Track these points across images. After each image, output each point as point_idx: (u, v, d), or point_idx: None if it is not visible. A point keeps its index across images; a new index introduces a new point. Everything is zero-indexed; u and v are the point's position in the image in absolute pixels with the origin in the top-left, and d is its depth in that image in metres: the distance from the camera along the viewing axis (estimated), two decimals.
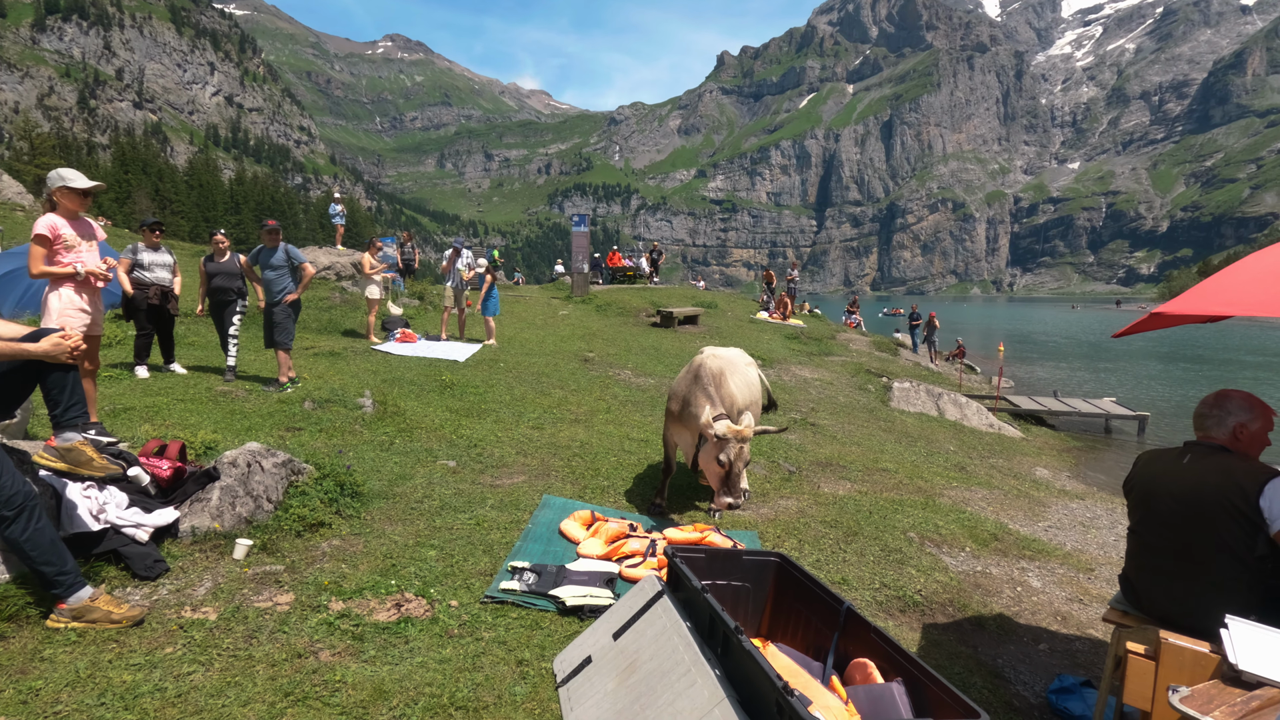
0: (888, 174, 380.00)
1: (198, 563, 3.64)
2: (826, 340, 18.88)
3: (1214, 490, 2.53)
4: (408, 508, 4.76)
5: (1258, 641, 1.82)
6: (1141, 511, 2.79)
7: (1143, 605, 2.82)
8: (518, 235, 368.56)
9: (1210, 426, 2.70)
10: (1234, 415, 2.65)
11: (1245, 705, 1.57)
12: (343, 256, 16.76)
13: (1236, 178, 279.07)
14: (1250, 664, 1.71)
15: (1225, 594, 2.50)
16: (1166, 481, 2.70)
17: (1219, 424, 2.68)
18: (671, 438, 5.46)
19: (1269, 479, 2.45)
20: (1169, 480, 2.69)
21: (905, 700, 2.35)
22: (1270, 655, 1.75)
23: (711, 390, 4.99)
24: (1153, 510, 2.72)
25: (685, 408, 5.11)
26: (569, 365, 11.30)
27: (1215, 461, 2.61)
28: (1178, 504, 2.63)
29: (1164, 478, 2.72)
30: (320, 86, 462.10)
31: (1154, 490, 2.73)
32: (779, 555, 3.26)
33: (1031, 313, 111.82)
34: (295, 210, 76.61)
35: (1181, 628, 2.52)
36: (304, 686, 2.73)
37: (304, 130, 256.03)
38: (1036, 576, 5.26)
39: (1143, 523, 2.78)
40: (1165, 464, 2.76)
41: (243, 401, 6.73)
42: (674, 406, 5.28)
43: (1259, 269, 3.06)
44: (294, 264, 7.71)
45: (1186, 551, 2.60)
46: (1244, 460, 2.59)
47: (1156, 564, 2.71)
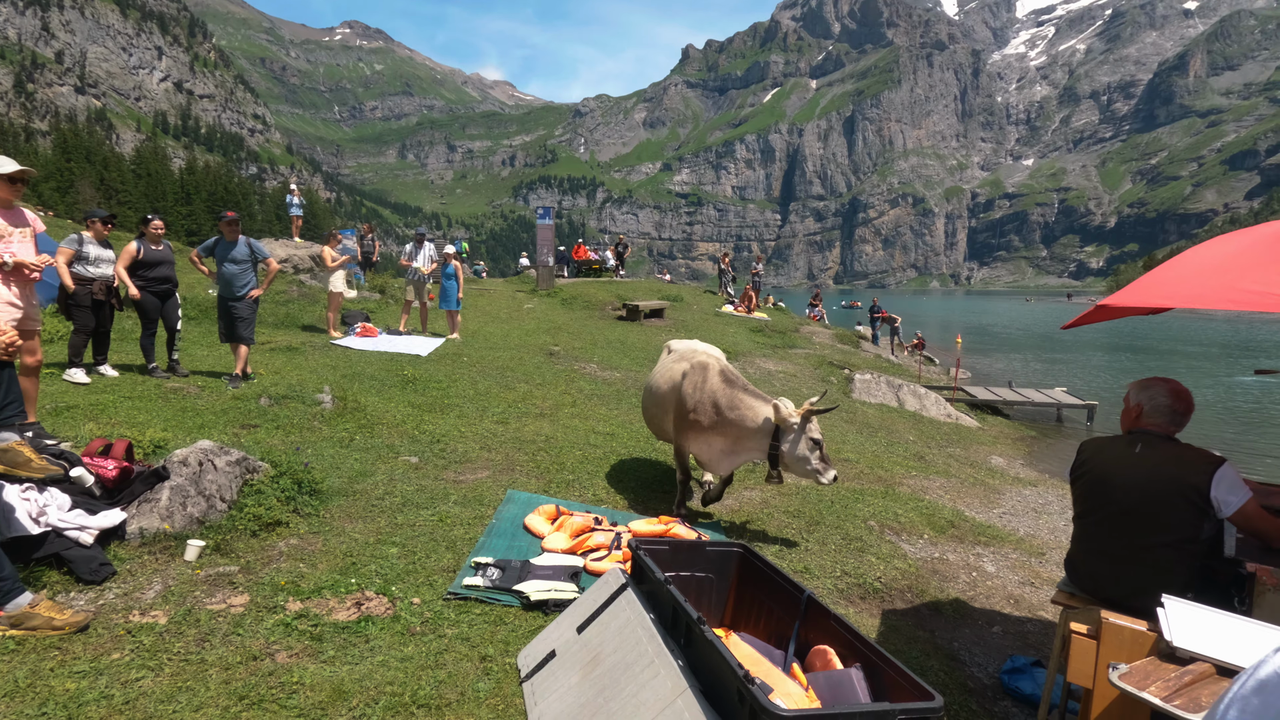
0: (850, 169, 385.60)
1: (146, 565, 3.52)
2: (790, 333, 19.10)
3: (1169, 479, 2.65)
4: (368, 505, 4.68)
5: (1191, 619, 1.90)
6: (1093, 499, 2.88)
7: (1088, 588, 2.93)
8: (482, 228, 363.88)
9: (1174, 424, 2.81)
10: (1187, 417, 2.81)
11: (1179, 680, 1.65)
12: (301, 249, 16.33)
13: (1179, 175, 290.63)
14: (1184, 641, 1.79)
15: (1169, 576, 2.64)
16: (1120, 470, 2.79)
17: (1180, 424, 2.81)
18: (693, 448, 5.09)
19: (1216, 467, 2.59)
20: (1123, 468, 2.79)
21: (864, 685, 2.40)
22: (1203, 632, 1.84)
23: (750, 387, 4.97)
24: (1105, 498, 2.81)
25: (723, 413, 4.84)
26: (534, 359, 11.23)
27: (1167, 450, 2.73)
28: (1132, 491, 2.73)
29: (1117, 466, 2.81)
30: (275, 74, 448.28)
31: (1108, 478, 2.82)
32: (742, 546, 3.30)
33: (988, 305, 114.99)
34: (250, 201, 74.24)
35: (1126, 609, 2.60)
36: (260, 689, 2.67)
37: (258, 118, 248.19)
38: (991, 562, 5.42)
39: (1094, 510, 2.87)
40: (1117, 452, 2.86)
41: (194, 398, 6.52)
42: (702, 418, 4.90)
43: (1195, 264, 3.19)
44: (257, 258, 7.46)
45: (1137, 537, 2.71)
46: (1191, 449, 2.72)
47: (1106, 549, 2.81)
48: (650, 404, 5.62)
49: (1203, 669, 1.69)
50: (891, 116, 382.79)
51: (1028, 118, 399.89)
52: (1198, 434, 14.68)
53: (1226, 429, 15.55)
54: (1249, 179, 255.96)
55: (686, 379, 5.07)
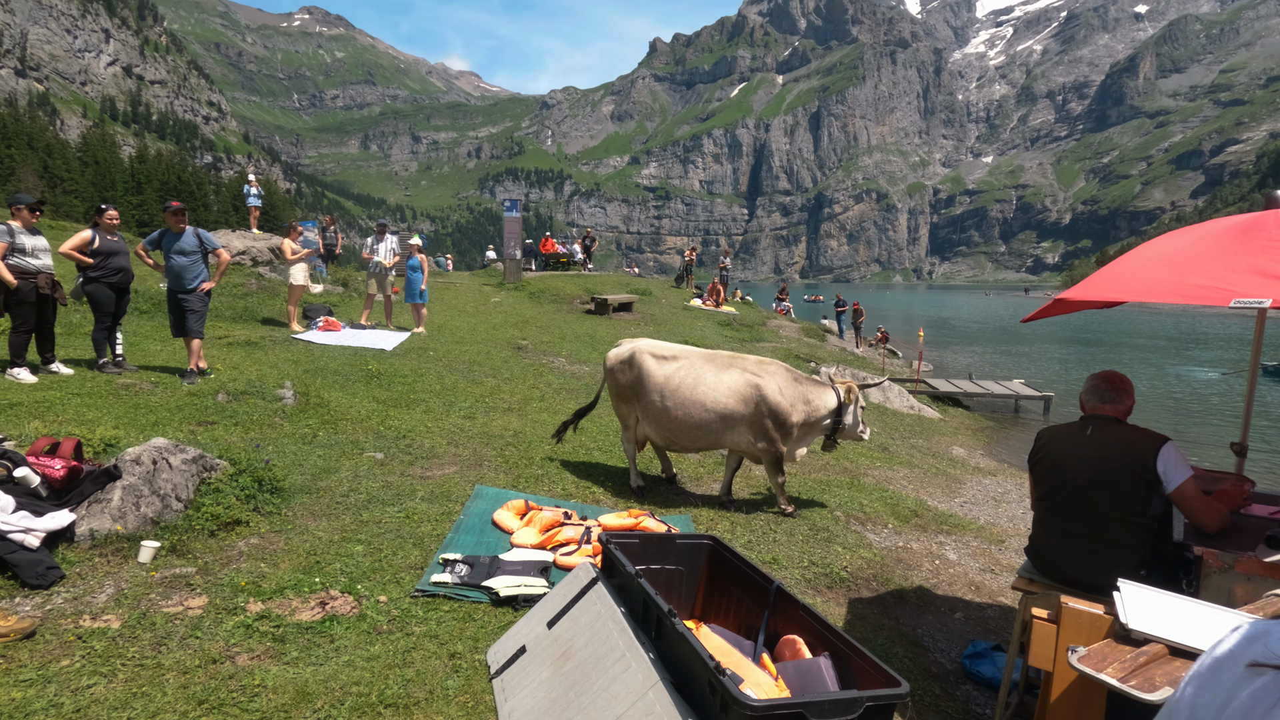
0: (816, 164, 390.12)
1: (98, 568, 3.39)
2: (757, 327, 19.27)
3: (1118, 457, 2.84)
4: (332, 502, 4.58)
5: (1145, 602, 1.98)
6: (1051, 481, 3.02)
7: (1049, 569, 3.04)
8: (447, 220, 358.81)
9: (1106, 402, 3.02)
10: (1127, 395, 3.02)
11: (1134, 661, 1.71)
12: (259, 241, 15.88)
13: (1129, 174, 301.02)
14: (1139, 623, 1.86)
15: (1122, 551, 2.82)
16: (1074, 451, 2.97)
17: (1115, 401, 3.01)
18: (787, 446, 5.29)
19: (1161, 444, 2.79)
20: (1076, 450, 2.96)
21: (832, 673, 2.44)
22: (1155, 614, 1.91)
23: (806, 376, 5.47)
24: (1062, 479, 2.97)
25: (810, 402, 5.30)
26: (501, 353, 11.12)
27: (1115, 431, 2.93)
28: (1086, 469, 2.91)
29: (1071, 448, 2.98)
30: (231, 60, 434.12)
31: (1063, 460, 2.98)
32: (711, 538, 3.32)
33: (949, 299, 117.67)
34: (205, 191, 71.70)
35: (1083, 585, 2.81)
36: (219, 693, 2.59)
37: (213, 106, 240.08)
38: (953, 550, 5.55)
39: (1052, 491, 3.02)
40: (1070, 436, 3.03)
41: (147, 395, 6.30)
42: (796, 418, 5.21)
43: (1146, 259, 3.29)
44: (207, 249, 7.22)
45: (1092, 514, 2.88)
46: (1139, 429, 2.91)
47: (1064, 527, 2.97)
48: (696, 422, 5.24)
49: (1156, 650, 1.76)
50: (856, 113, 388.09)
51: (987, 116, 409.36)
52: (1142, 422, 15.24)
53: (1171, 419, 16.18)
54: (1194, 178, 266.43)
55: (767, 389, 5.17)
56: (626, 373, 5.50)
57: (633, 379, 5.46)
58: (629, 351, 5.54)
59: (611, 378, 5.62)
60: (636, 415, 5.53)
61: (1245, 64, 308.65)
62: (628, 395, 5.51)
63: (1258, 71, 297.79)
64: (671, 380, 5.31)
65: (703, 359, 5.43)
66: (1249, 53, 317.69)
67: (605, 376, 5.72)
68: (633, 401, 5.50)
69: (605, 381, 5.75)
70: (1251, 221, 3.08)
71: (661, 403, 5.30)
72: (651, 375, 5.37)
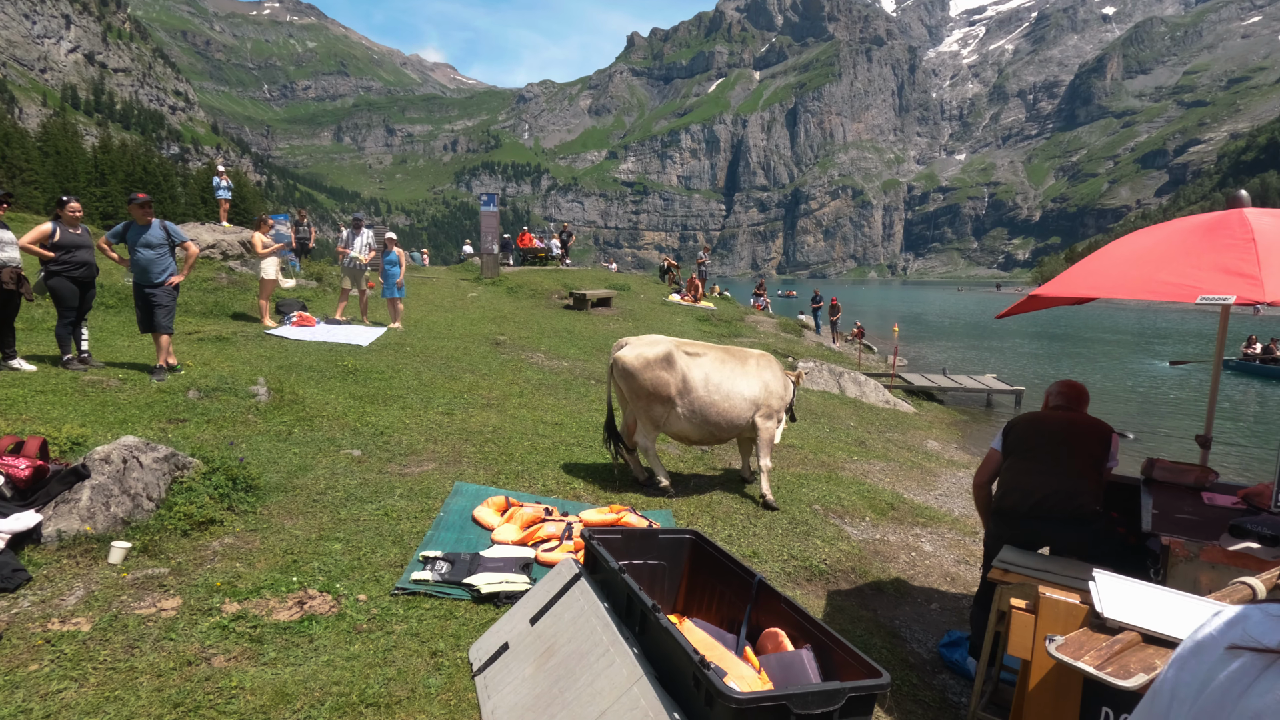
0: (792, 160, 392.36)
1: (66, 570, 3.31)
2: (735, 322, 19.37)
3: (1084, 423, 3.43)
4: (309, 500, 4.52)
5: (1120, 591, 2.03)
6: (1024, 442, 3.49)
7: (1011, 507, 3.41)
8: (423, 214, 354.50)
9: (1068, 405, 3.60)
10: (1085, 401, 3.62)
11: (1110, 649, 1.76)
12: (229, 234, 15.54)
13: (1097, 173, 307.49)
14: (1114, 611, 1.91)
15: (1081, 483, 3.28)
16: (1046, 421, 3.53)
17: (1076, 406, 3.59)
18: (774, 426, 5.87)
19: (1111, 432, 3.39)
20: (1046, 420, 3.53)
21: (814, 665, 2.47)
22: (1129, 603, 1.97)
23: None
24: (1036, 438, 3.46)
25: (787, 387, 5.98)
26: (480, 349, 11.03)
27: (1080, 413, 3.54)
28: (1055, 432, 3.44)
29: (1043, 418, 3.56)
30: (198, 48, 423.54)
31: (1037, 423, 3.52)
32: (693, 532, 3.33)
33: (923, 295, 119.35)
34: (173, 183, 69.80)
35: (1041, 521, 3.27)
36: (195, 695, 2.55)
37: (180, 95, 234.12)
38: (929, 542, 5.65)
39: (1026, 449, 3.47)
40: (1040, 414, 3.60)
41: (115, 392, 6.15)
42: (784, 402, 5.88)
43: (1116, 257, 3.38)
44: (174, 242, 7.05)
45: (1057, 457, 3.36)
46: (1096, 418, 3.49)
47: (1030, 468, 3.40)
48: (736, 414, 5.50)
49: (1130, 637, 1.81)
50: (832, 109, 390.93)
51: (960, 114, 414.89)
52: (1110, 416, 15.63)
53: (1137, 412, 16.60)
54: (1159, 177, 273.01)
55: (774, 378, 5.77)
56: (663, 372, 5.37)
57: (674, 378, 5.39)
58: (664, 351, 5.45)
59: (636, 378, 5.36)
60: (671, 413, 5.44)
61: (1208, 66, 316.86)
62: (664, 394, 5.38)
63: (1219, 74, 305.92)
64: (712, 376, 5.50)
65: (722, 353, 5.73)
66: (1211, 55, 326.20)
67: (622, 378, 5.44)
68: (670, 400, 5.40)
69: (623, 384, 5.45)
70: (1216, 220, 3.17)
71: (709, 397, 5.43)
72: (692, 372, 5.46)
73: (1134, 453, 9.59)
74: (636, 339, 5.61)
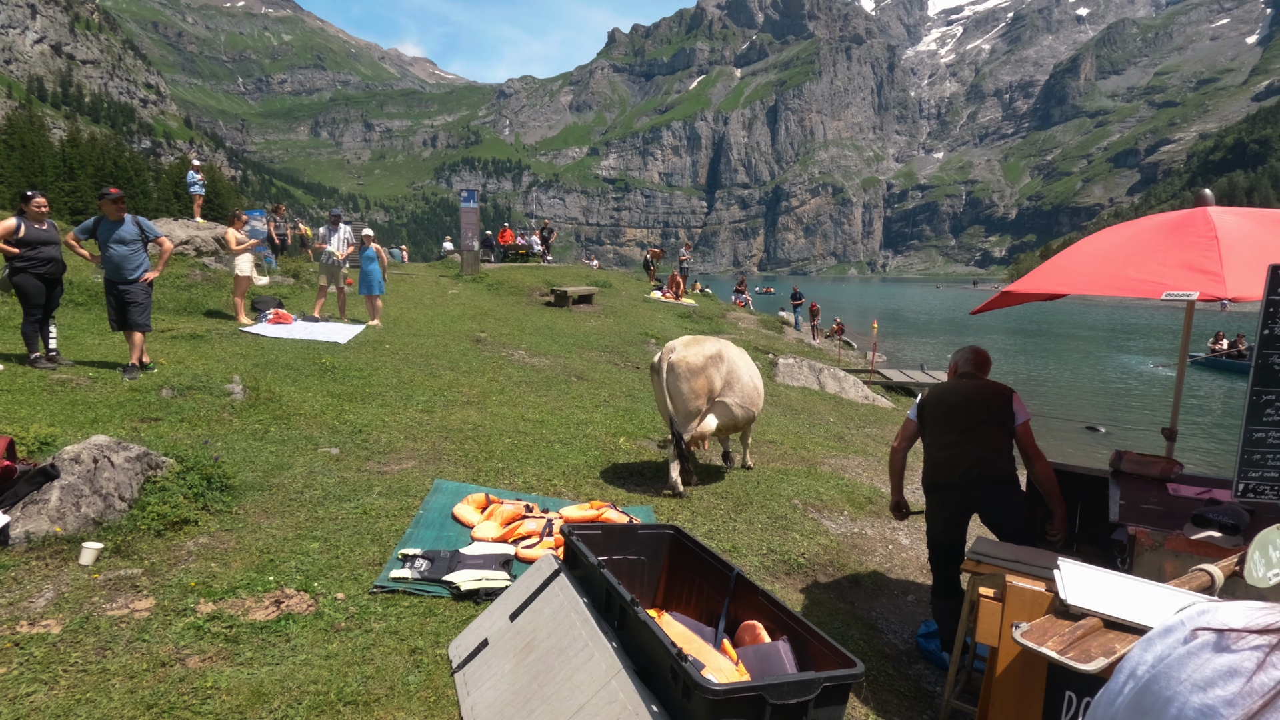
0: (773, 158, 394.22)
1: (35, 572, 3.25)
2: (717, 319, 19.44)
3: (986, 388, 3.70)
4: (286, 499, 4.47)
5: (1083, 579, 2.09)
6: (938, 413, 3.76)
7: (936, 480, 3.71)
8: (403, 210, 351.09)
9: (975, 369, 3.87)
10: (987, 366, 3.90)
11: (1072, 634, 1.81)
12: (203, 230, 15.27)
13: (1071, 171, 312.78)
14: (1077, 598, 1.96)
15: (994, 447, 3.56)
16: (950, 391, 3.79)
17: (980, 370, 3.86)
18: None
19: (1011, 392, 3.65)
20: (952, 390, 3.79)
21: (790, 656, 2.50)
22: (1092, 590, 2.02)
23: None
24: (948, 409, 3.73)
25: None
26: (460, 346, 10.97)
27: (980, 378, 3.82)
28: (961, 400, 3.71)
29: (953, 388, 3.80)
30: (170, 40, 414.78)
31: (945, 396, 3.78)
32: (672, 528, 3.36)
33: (901, 292, 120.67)
34: (144, 178, 68.28)
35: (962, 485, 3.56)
36: (169, 697, 2.52)
37: (152, 88, 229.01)
38: (905, 535, 5.73)
39: (935, 419, 3.76)
40: (950, 385, 3.87)
41: (85, 391, 6.03)
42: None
43: (1086, 254, 3.45)
44: (148, 238, 6.92)
45: (972, 426, 3.62)
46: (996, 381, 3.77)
47: (947, 440, 3.67)
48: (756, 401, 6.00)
49: (1092, 623, 1.86)
50: (812, 107, 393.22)
51: (938, 113, 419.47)
52: (1083, 410, 15.96)
53: (1105, 405, 16.95)
54: (1131, 176, 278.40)
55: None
56: (718, 369, 5.61)
57: (724, 373, 5.68)
58: (717, 348, 5.71)
59: (698, 376, 5.49)
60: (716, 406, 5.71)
61: (1178, 67, 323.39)
62: (715, 390, 5.59)
63: (1189, 75, 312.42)
64: (745, 368, 5.96)
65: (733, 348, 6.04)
66: (1181, 56, 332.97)
67: (681, 379, 5.47)
68: (713, 396, 5.63)
69: (680, 383, 5.48)
70: (1181, 219, 3.25)
71: (753, 385, 5.95)
72: (738, 366, 5.84)
73: (1105, 446, 9.79)
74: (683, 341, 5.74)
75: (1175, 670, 0.58)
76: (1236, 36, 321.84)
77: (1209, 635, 0.58)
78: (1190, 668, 0.57)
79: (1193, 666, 0.57)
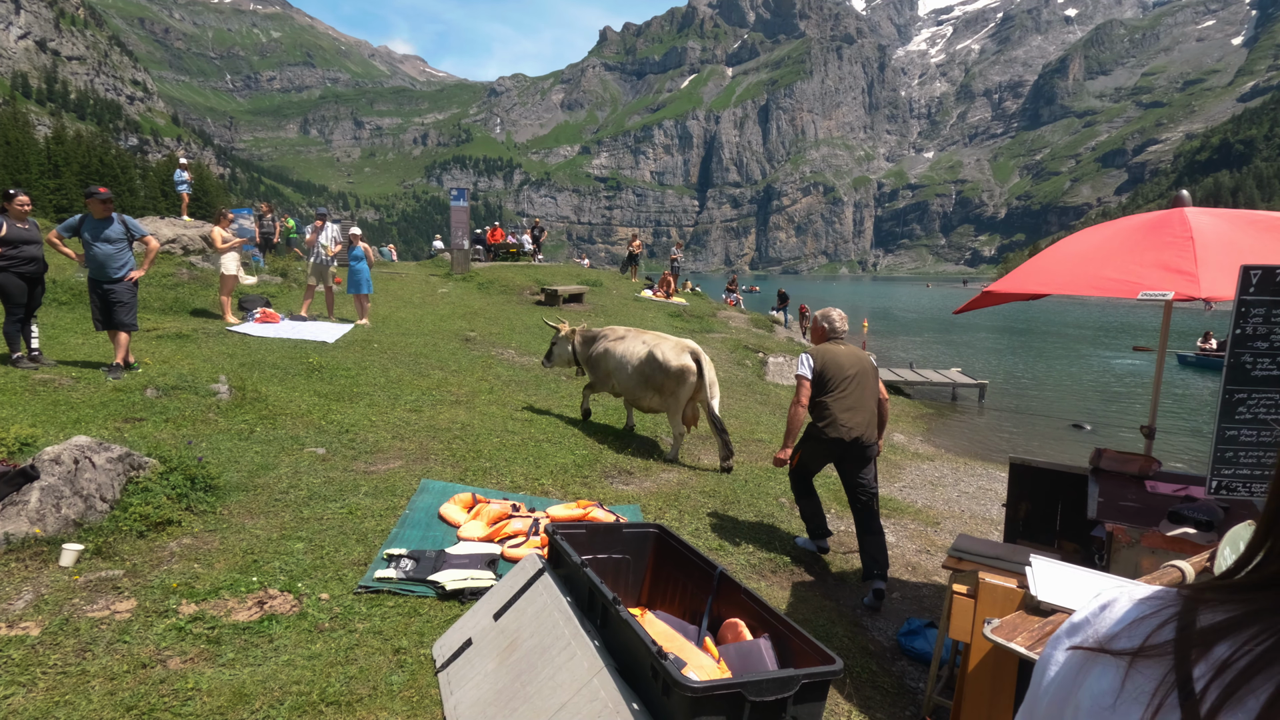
0: (765, 157, 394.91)
1: (14, 574, 3.22)
2: (708, 318, 19.47)
3: (864, 357, 4.54)
4: (271, 499, 4.46)
5: (1054, 575, 2.12)
6: (835, 375, 4.40)
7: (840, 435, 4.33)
8: (393, 209, 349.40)
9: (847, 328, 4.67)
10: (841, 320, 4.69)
11: (1041, 630, 1.83)
12: (190, 228, 15.16)
13: (1059, 171, 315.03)
14: (1047, 594, 1.99)
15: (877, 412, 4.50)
16: (842, 356, 4.48)
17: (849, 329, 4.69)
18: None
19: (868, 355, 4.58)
20: (844, 355, 4.49)
21: (771, 654, 2.52)
22: (1062, 586, 2.05)
23: None
24: (842, 373, 4.41)
25: None
26: (449, 345, 10.94)
27: (851, 344, 4.62)
28: (853, 366, 4.44)
29: (842, 354, 4.49)
30: (157, 36, 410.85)
31: (839, 362, 4.45)
32: (658, 527, 3.37)
33: (892, 291, 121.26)
34: (131, 175, 67.58)
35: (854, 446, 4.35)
36: (150, 698, 2.51)
37: (139, 85, 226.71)
38: (892, 532, 5.76)
39: (838, 382, 4.40)
40: (836, 349, 4.51)
41: (67, 391, 5.98)
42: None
43: (1064, 255, 3.48)
44: (134, 237, 6.87)
45: (862, 391, 4.42)
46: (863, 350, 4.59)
47: (851, 404, 4.37)
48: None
49: (1060, 619, 1.89)
50: (804, 107, 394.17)
51: (929, 112, 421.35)
52: (1067, 407, 16.10)
53: (1085, 402, 17.09)
54: (1118, 176, 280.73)
55: None
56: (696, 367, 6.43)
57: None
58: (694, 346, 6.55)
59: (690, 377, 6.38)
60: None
61: (1164, 68, 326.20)
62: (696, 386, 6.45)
63: (1175, 75, 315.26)
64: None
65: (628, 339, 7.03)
66: (1168, 57, 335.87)
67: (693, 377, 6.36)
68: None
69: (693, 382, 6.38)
70: (1158, 220, 3.29)
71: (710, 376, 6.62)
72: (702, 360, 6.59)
73: (1090, 443, 9.88)
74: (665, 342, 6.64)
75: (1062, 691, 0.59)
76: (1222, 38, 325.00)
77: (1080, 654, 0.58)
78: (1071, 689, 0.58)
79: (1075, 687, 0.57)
